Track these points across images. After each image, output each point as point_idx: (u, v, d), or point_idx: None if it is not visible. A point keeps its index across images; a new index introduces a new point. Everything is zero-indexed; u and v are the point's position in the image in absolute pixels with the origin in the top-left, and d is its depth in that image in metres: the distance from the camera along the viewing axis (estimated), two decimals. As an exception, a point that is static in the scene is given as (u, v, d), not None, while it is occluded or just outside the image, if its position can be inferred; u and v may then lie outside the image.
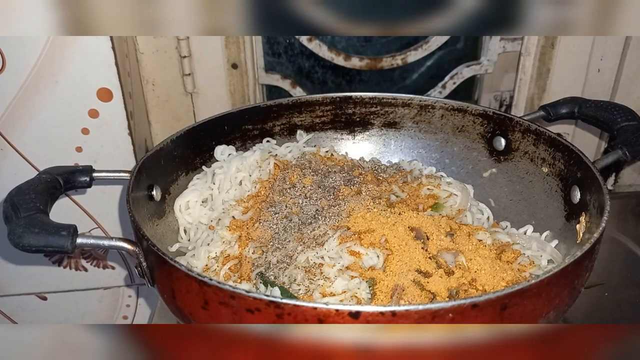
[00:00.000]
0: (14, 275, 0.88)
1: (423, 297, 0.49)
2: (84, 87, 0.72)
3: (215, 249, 0.59)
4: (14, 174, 0.77)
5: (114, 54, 0.71)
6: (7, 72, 0.70)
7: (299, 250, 0.54)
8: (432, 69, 0.92)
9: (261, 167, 0.67)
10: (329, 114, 0.75)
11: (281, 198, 0.62)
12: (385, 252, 0.52)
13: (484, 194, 0.70)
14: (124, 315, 0.96)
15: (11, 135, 0.75)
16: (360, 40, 0.89)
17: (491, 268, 0.52)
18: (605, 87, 0.88)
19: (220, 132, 0.70)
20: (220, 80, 0.84)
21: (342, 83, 0.92)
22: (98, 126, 0.75)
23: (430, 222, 0.56)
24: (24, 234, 0.46)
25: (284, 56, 0.89)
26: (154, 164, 0.61)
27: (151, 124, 0.88)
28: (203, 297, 0.44)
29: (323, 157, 0.71)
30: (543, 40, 0.84)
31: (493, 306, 0.40)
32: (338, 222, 0.56)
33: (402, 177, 0.68)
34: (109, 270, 0.89)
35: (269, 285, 0.52)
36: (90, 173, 0.58)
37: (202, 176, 0.68)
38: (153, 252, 0.47)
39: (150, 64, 0.82)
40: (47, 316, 0.93)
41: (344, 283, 0.50)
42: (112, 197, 0.82)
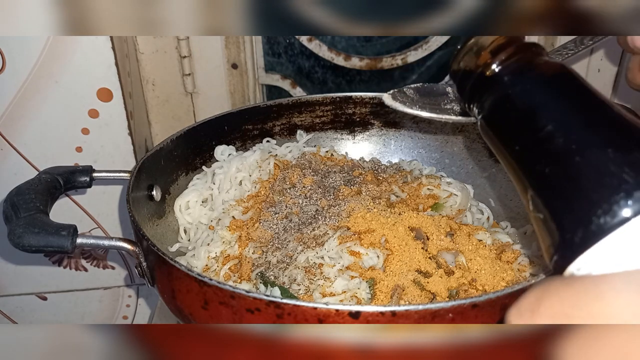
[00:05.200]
0: (14, 275, 0.88)
1: (423, 297, 0.49)
2: (84, 87, 0.72)
3: (215, 249, 0.59)
4: (14, 174, 0.77)
5: (114, 54, 0.71)
6: (7, 72, 0.70)
7: (299, 250, 0.54)
8: (432, 69, 0.92)
9: (261, 167, 0.67)
10: (329, 114, 0.75)
11: (281, 198, 0.62)
12: (385, 252, 0.52)
13: (484, 194, 0.70)
14: (124, 315, 0.96)
15: (11, 135, 0.75)
16: (360, 40, 0.89)
17: (491, 268, 0.52)
18: (605, 87, 0.88)
19: (220, 132, 0.70)
20: (220, 80, 0.84)
21: (342, 83, 0.92)
22: (98, 126, 0.75)
23: (430, 222, 0.56)
24: (24, 234, 0.46)
25: (284, 56, 0.89)
26: (154, 164, 0.61)
27: (151, 124, 0.88)
28: (203, 297, 0.44)
29: (323, 157, 0.71)
30: (543, 40, 0.84)
31: (493, 306, 0.40)
32: (338, 222, 0.56)
33: (402, 177, 0.68)
34: (109, 270, 0.89)
35: (269, 285, 0.52)
36: (90, 173, 0.58)
37: (202, 176, 0.68)
38: (153, 252, 0.47)
39: (150, 64, 0.82)
40: (47, 316, 0.93)
41: (344, 283, 0.50)
42: (112, 197, 0.82)
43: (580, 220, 0.26)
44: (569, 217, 0.27)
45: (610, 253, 0.25)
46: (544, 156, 0.29)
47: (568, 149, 0.28)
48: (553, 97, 0.32)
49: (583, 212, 0.26)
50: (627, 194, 0.25)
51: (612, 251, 0.25)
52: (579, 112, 0.30)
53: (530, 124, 0.31)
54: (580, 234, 0.26)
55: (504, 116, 0.34)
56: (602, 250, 0.25)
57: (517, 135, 0.32)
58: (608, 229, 0.25)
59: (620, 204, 0.25)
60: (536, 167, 0.30)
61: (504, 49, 0.35)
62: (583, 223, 0.25)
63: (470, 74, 0.37)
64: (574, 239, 0.26)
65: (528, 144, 0.31)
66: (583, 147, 0.28)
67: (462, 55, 0.38)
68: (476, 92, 0.36)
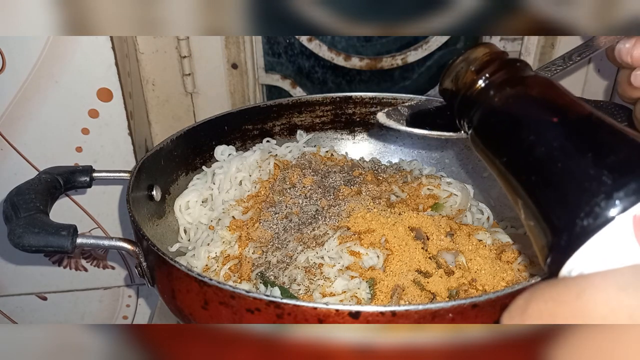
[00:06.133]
0: (14, 275, 0.88)
1: (423, 297, 0.49)
2: (84, 87, 0.72)
3: (215, 249, 0.59)
4: (14, 174, 0.77)
5: (114, 54, 0.71)
6: (7, 72, 0.70)
7: (299, 250, 0.54)
8: (432, 69, 0.92)
9: (261, 167, 0.67)
10: (329, 114, 0.75)
11: (281, 198, 0.62)
12: (385, 252, 0.52)
13: (484, 194, 0.70)
14: (124, 315, 0.96)
15: (11, 135, 0.75)
16: (360, 40, 0.89)
17: (491, 268, 0.52)
18: (606, 87, 0.88)
19: (220, 132, 0.70)
20: (220, 80, 0.84)
21: (342, 83, 0.92)
22: (98, 126, 0.75)
23: (430, 222, 0.56)
24: (24, 234, 0.46)
25: (284, 56, 0.89)
26: (154, 164, 0.61)
27: (151, 124, 0.88)
28: (203, 297, 0.44)
29: (323, 157, 0.71)
30: (543, 40, 0.84)
31: (493, 306, 0.40)
32: (338, 222, 0.56)
33: (402, 177, 0.68)
34: (109, 270, 0.89)
35: (269, 285, 0.52)
36: (90, 173, 0.58)
37: (202, 176, 0.68)
38: (153, 252, 0.47)
39: (150, 64, 0.82)
40: (47, 316, 0.93)
41: (344, 283, 0.50)
42: (112, 197, 0.82)
43: (566, 224, 0.27)
44: (555, 222, 0.28)
45: (596, 253, 0.25)
46: (528, 165, 0.31)
47: (550, 157, 0.29)
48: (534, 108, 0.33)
49: (567, 216, 0.27)
50: (607, 196, 0.25)
51: (598, 251, 0.25)
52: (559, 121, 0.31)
53: (515, 135, 0.32)
54: (565, 237, 0.27)
55: (491, 129, 0.36)
56: (589, 251, 0.26)
57: (503, 147, 0.34)
58: (592, 230, 0.25)
59: (601, 205, 0.25)
60: (523, 176, 0.31)
61: (488, 66, 0.37)
62: (568, 227, 0.27)
63: (458, 91, 0.39)
64: (561, 243, 0.27)
65: (514, 155, 0.32)
66: (563, 155, 0.29)
67: (450, 74, 0.40)
68: (464, 108, 0.38)
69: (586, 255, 0.26)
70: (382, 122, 0.46)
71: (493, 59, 0.37)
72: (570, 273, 0.26)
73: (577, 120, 0.31)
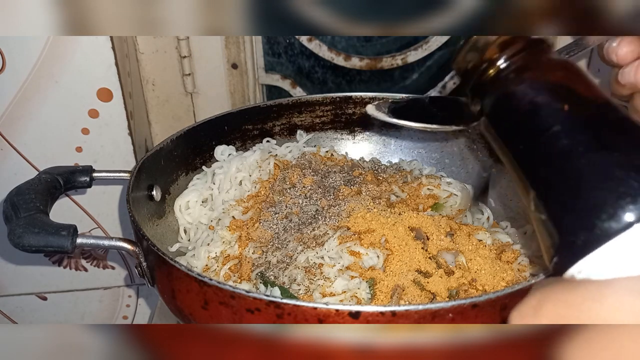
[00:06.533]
0: (14, 275, 0.88)
1: (423, 297, 0.49)
2: (84, 87, 0.72)
3: (215, 249, 0.59)
4: (14, 174, 0.77)
5: (114, 54, 0.71)
6: (7, 72, 0.70)
7: (299, 250, 0.54)
8: (432, 69, 0.92)
9: (261, 167, 0.67)
10: (329, 114, 0.75)
11: (281, 198, 0.62)
12: (385, 252, 0.52)
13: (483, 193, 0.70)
14: (124, 315, 0.96)
15: (11, 135, 0.75)
16: (360, 40, 0.89)
17: (491, 268, 0.52)
18: (606, 87, 0.88)
19: (220, 132, 0.70)
20: (220, 80, 0.84)
21: (342, 83, 0.92)
22: (98, 126, 0.75)
23: (430, 222, 0.56)
24: (24, 234, 0.46)
25: (284, 56, 0.89)
26: (154, 164, 0.61)
27: (151, 124, 0.88)
28: (203, 297, 0.44)
29: (323, 157, 0.71)
30: (543, 40, 0.84)
31: (493, 306, 0.40)
32: (338, 222, 0.56)
33: (402, 177, 0.68)
34: (109, 270, 0.89)
35: (269, 285, 0.52)
36: (90, 173, 0.58)
37: (202, 176, 0.68)
38: (153, 252, 0.47)
39: (150, 64, 0.82)
40: (47, 316, 0.93)
41: (344, 283, 0.50)
42: (112, 197, 0.82)
43: (584, 224, 0.26)
44: (571, 220, 0.26)
45: (612, 257, 0.25)
46: (548, 157, 0.29)
47: (574, 151, 0.28)
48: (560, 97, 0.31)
49: (586, 215, 0.26)
50: (633, 199, 0.25)
51: (614, 255, 0.25)
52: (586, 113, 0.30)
53: (536, 123, 0.30)
54: (583, 237, 0.25)
55: (509, 114, 0.33)
56: (605, 255, 0.25)
57: (521, 135, 0.32)
58: (612, 233, 0.24)
59: (626, 209, 0.24)
60: (540, 168, 0.29)
61: (512, 45, 0.34)
62: (586, 227, 0.25)
63: (475, 68, 0.36)
64: (577, 242, 0.26)
65: (533, 144, 0.30)
66: (589, 150, 0.27)
67: (468, 49, 0.37)
68: (480, 88, 0.36)
69: (601, 258, 0.25)
70: (370, 114, 0.46)
71: (516, 38, 0.34)
72: (579, 274, 0.26)
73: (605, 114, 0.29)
